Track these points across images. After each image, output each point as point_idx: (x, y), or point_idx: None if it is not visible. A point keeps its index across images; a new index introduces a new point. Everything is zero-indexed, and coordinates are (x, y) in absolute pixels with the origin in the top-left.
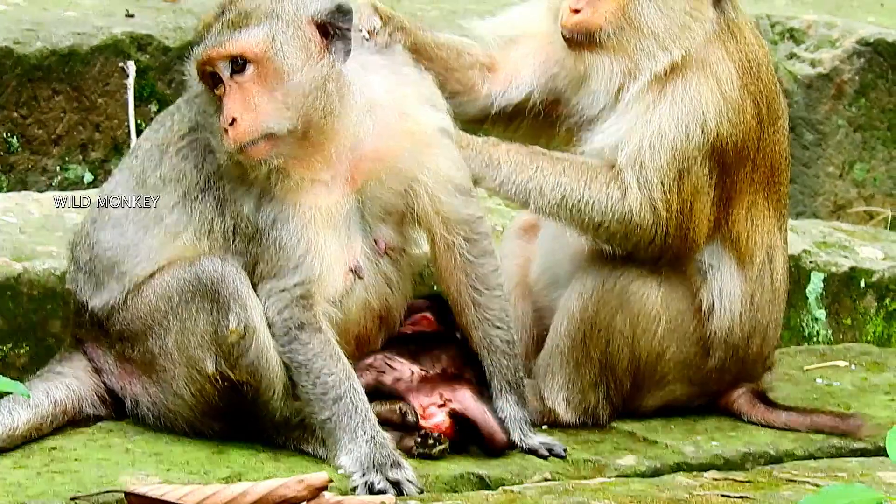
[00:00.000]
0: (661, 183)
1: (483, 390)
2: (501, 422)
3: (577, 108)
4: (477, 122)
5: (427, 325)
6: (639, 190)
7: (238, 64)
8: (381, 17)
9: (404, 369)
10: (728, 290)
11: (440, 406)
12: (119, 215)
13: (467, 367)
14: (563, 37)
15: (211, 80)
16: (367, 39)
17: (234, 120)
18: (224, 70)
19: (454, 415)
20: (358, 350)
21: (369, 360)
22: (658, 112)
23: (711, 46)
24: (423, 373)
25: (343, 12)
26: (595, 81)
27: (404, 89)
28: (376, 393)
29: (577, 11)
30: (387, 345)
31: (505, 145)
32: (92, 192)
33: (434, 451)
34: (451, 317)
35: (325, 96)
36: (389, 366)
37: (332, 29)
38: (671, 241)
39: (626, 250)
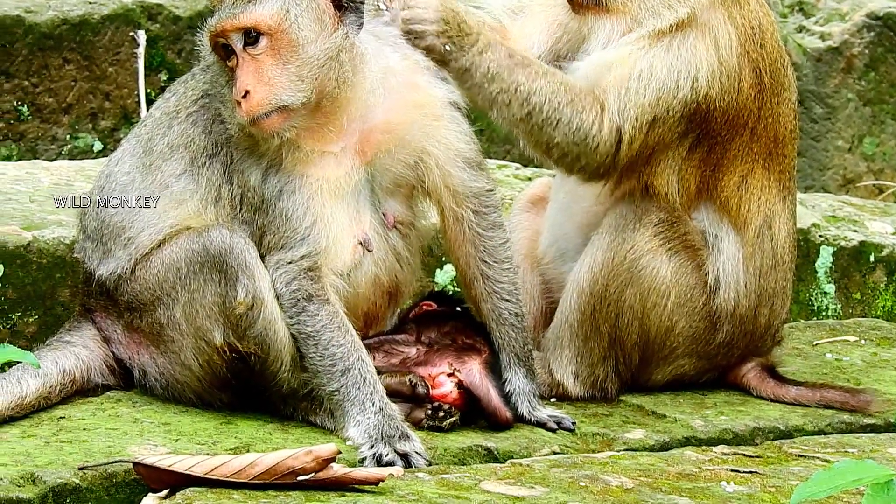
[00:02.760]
0: (636, 118)
1: (495, 361)
2: (507, 397)
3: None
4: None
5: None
6: (617, 115)
7: (251, 36)
8: None
9: (410, 350)
10: (730, 256)
11: (449, 375)
12: (126, 182)
13: (479, 337)
14: None
15: (223, 51)
16: (384, 9)
17: (246, 92)
18: (237, 42)
19: (462, 386)
20: (367, 326)
21: (374, 344)
22: (653, 53)
23: (715, 10)
24: (431, 347)
25: None
26: (594, 41)
27: (416, 57)
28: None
29: None
30: (391, 330)
31: (490, 53)
32: (88, 163)
33: (444, 423)
34: (454, 306)
35: (338, 66)
36: (395, 349)
37: (346, 1)
38: (616, 175)
39: (567, 171)
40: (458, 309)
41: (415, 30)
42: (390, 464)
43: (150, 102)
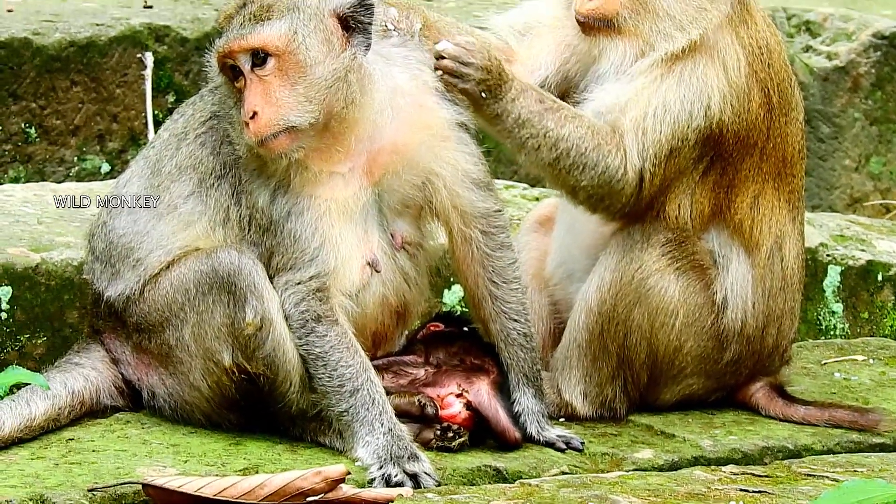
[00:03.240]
0: (655, 155)
1: (504, 381)
2: (516, 417)
3: (585, 94)
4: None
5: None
6: (637, 157)
7: (259, 57)
8: (397, 6)
9: (419, 370)
10: (739, 277)
11: (458, 396)
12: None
13: (487, 357)
14: (578, 21)
15: (231, 72)
16: (392, 30)
17: (254, 113)
18: (245, 63)
19: (471, 406)
20: (375, 347)
21: (383, 365)
22: (665, 86)
23: (723, 31)
24: (439, 367)
25: (365, 6)
26: (605, 64)
27: (425, 78)
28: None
29: None
30: (399, 351)
31: (522, 100)
32: (96, 185)
33: (453, 443)
34: (461, 326)
35: (346, 87)
36: (404, 370)
37: (354, 22)
38: (639, 211)
39: (591, 210)
40: (467, 329)
41: (458, 70)
42: (399, 484)
43: (157, 124)
